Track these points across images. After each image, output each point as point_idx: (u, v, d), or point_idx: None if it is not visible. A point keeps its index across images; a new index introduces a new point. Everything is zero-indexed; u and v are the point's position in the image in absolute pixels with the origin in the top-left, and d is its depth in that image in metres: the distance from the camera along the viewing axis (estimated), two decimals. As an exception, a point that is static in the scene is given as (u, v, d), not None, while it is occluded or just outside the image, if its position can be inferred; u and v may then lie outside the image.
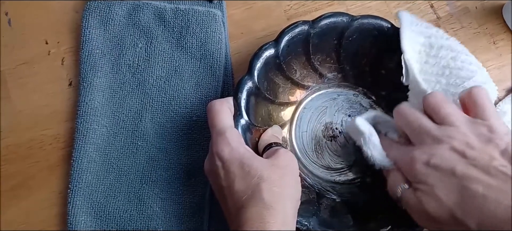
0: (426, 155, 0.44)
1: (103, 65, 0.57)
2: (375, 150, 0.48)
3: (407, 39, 0.51)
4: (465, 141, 0.43)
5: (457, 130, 0.44)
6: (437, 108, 0.46)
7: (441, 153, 0.43)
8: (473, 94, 0.46)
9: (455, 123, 0.44)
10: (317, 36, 0.53)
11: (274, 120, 0.55)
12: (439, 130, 0.45)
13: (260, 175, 0.43)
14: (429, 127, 0.45)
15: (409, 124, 0.47)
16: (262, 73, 0.52)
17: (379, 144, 0.49)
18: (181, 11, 0.59)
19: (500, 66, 0.59)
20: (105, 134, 0.56)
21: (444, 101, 0.46)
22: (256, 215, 0.41)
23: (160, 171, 0.55)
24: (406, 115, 0.47)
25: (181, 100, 0.56)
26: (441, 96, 0.47)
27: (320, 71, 0.56)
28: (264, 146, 0.50)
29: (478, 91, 0.46)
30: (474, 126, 0.44)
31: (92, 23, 0.58)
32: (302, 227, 0.48)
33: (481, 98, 0.45)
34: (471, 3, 0.62)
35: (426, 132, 0.45)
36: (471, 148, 0.43)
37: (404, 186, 0.46)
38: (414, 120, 0.47)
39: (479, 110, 0.45)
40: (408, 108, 0.48)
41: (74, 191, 0.53)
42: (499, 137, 0.43)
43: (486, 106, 0.45)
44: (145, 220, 0.53)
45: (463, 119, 0.45)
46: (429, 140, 0.45)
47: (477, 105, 0.45)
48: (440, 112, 0.46)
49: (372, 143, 0.48)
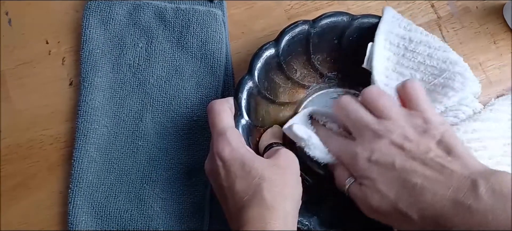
0: (367, 151, 0.45)
1: (103, 65, 0.57)
2: (316, 150, 0.49)
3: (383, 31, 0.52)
4: (403, 134, 0.44)
5: (394, 124, 0.45)
6: (374, 102, 0.47)
7: (381, 148, 0.45)
8: (407, 87, 0.47)
9: (392, 116, 0.46)
10: (318, 36, 0.53)
11: (275, 120, 0.55)
12: (378, 124, 0.46)
13: (261, 175, 0.43)
14: (368, 121, 0.46)
15: (349, 117, 0.48)
16: (262, 73, 0.52)
17: (320, 144, 0.49)
18: (182, 10, 0.59)
19: (500, 66, 0.59)
20: (105, 134, 0.56)
21: (381, 94, 0.47)
22: (257, 215, 0.41)
23: (161, 171, 0.55)
24: (346, 108, 0.48)
25: (181, 100, 0.56)
26: (377, 89, 0.48)
27: (321, 71, 0.56)
28: (264, 146, 0.50)
29: (411, 84, 0.47)
30: (410, 118, 0.45)
31: (93, 23, 0.58)
32: (303, 227, 0.48)
33: (414, 91, 0.46)
34: (472, 3, 0.62)
35: (366, 126, 0.46)
36: (408, 140, 0.44)
37: (350, 180, 0.47)
38: (353, 114, 0.47)
39: (414, 102, 0.46)
40: (348, 100, 0.48)
41: (75, 191, 0.53)
42: (434, 127, 0.44)
43: (419, 98, 0.46)
44: (146, 220, 0.53)
45: (399, 111, 0.46)
46: (369, 135, 0.46)
47: (411, 97, 0.46)
48: (377, 106, 0.46)
49: (313, 145, 0.49)
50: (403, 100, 0.47)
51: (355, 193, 0.46)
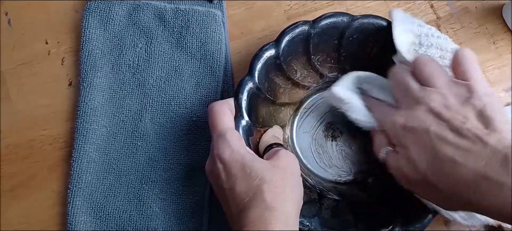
0: (404, 117, 0.45)
1: (103, 65, 0.57)
2: (358, 113, 0.49)
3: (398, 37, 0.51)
4: (443, 102, 0.43)
5: (436, 91, 0.44)
6: (421, 69, 0.46)
7: (418, 115, 0.44)
8: (458, 56, 0.45)
9: (436, 84, 0.44)
10: (318, 36, 0.53)
11: (275, 120, 0.55)
12: (420, 91, 0.45)
13: (262, 177, 0.43)
14: (412, 87, 0.45)
15: (397, 84, 0.47)
16: (262, 73, 0.52)
17: (362, 107, 0.49)
18: (181, 11, 0.58)
19: (500, 66, 0.59)
20: (105, 134, 0.56)
21: (430, 62, 0.46)
22: (258, 217, 0.41)
23: (160, 171, 0.55)
24: (396, 76, 0.47)
25: (181, 100, 0.56)
26: (426, 57, 0.47)
27: (321, 71, 0.56)
28: (265, 147, 0.50)
29: (463, 52, 0.45)
30: (454, 86, 0.44)
31: (92, 23, 0.58)
32: (304, 228, 0.48)
33: (464, 59, 0.45)
34: (471, 3, 0.62)
35: (409, 93, 0.45)
36: (448, 109, 0.43)
37: (385, 149, 0.47)
38: (401, 81, 0.47)
39: (462, 70, 0.45)
40: (401, 67, 0.48)
41: (74, 191, 0.53)
42: (477, 97, 0.42)
43: (468, 66, 0.44)
44: (145, 220, 0.53)
45: (445, 79, 0.45)
46: (409, 101, 0.45)
47: (460, 65, 0.45)
48: (423, 73, 0.46)
49: (354, 107, 0.49)
50: (454, 70, 0.46)
51: (390, 161, 0.46)
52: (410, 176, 0.43)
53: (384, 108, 0.48)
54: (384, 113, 0.48)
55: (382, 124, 0.47)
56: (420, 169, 0.42)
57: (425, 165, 0.42)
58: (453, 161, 0.40)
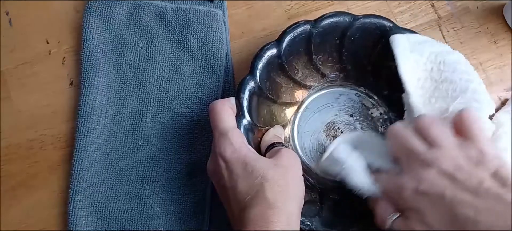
0: (415, 181, 0.43)
1: (104, 65, 0.57)
2: (361, 177, 0.47)
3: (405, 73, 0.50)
4: (454, 164, 0.42)
5: (446, 153, 0.43)
6: (427, 130, 0.45)
7: (430, 178, 0.43)
8: (463, 117, 0.45)
9: (444, 145, 0.44)
10: (319, 36, 0.53)
11: (276, 120, 0.55)
12: (428, 153, 0.44)
13: (263, 175, 0.43)
14: (419, 149, 0.44)
15: (400, 145, 0.46)
16: (264, 73, 0.52)
17: (362, 171, 0.48)
18: (182, 10, 0.59)
19: (501, 65, 0.59)
20: (106, 133, 0.56)
21: (434, 122, 0.45)
22: (260, 215, 0.41)
23: (161, 171, 0.55)
24: (399, 136, 0.46)
25: (182, 99, 0.56)
26: (431, 118, 0.46)
27: (322, 71, 0.56)
28: (266, 146, 0.50)
29: (468, 113, 0.45)
30: (464, 148, 0.43)
31: (93, 23, 0.58)
32: (304, 227, 0.48)
33: (470, 121, 0.45)
34: (472, 3, 0.62)
35: (415, 155, 0.44)
36: (460, 170, 0.42)
37: (393, 215, 0.45)
38: (405, 141, 0.46)
39: (469, 132, 0.44)
40: (402, 128, 0.47)
41: (75, 190, 0.53)
42: (489, 160, 0.42)
43: (475, 128, 0.44)
44: (146, 220, 0.53)
45: (452, 141, 0.44)
46: (418, 164, 0.44)
47: (467, 127, 0.45)
48: (430, 134, 0.45)
49: (357, 170, 0.48)
50: (458, 130, 0.46)
51: (399, 228, 0.44)
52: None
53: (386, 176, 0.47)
54: (388, 179, 0.46)
55: (388, 190, 0.46)
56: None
57: (444, 228, 0.41)
58: (476, 222, 0.39)
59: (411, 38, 0.53)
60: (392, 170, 0.47)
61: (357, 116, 0.56)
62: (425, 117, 0.46)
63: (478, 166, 0.42)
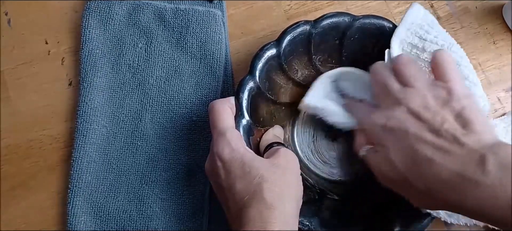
0: (384, 117, 0.45)
1: (103, 65, 0.57)
2: (335, 116, 0.50)
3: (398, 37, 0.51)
4: (422, 103, 0.44)
5: (416, 92, 0.45)
6: (401, 69, 0.46)
7: (398, 115, 0.44)
8: (437, 57, 0.46)
9: (416, 85, 0.45)
10: (319, 36, 0.53)
11: (276, 120, 0.55)
12: (400, 92, 0.45)
13: (261, 175, 0.43)
14: (393, 88, 0.46)
15: (378, 82, 0.48)
16: (263, 73, 0.52)
17: (338, 109, 0.51)
18: (181, 11, 0.58)
19: (500, 66, 0.59)
20: (105, 134, 0.56)
21: (409, 62, 0.47)
22: (258, 215, 0.41)
23: (160, 171, 0.55)
24: (377, 73, 0.48)
25: (181, 100, 0.56)
26: (407, 57, 0.48)
27: (322, 71, 0.56)
28: (265, 146, 0.50)
29: (441, 53, 0.46)
30: (434, 88, 0.45)
31: (92, 23, 0.58)
32: (303, 227, 0.48)
33: (443, 61, 0.46)
34: (471, 3, 0.62)
35: (389, 93, 0.46)
36: (427, 110, 0.43)
37: (366, 148, 0.47)
38: (381, 79, 0.47)
39: (441, 72, 0.45)
40: (382, 66, 0.48)
41: (74, 191, 0.53)
42: (456, 99, 0.43)
43: (448, 68, 0.45)
44: (145, 220, 0.53)
45: (425, 81, 0.45)
46: (390, 101, 0.46)
47: (439, 67, 0.46)
48: (403, 73, 0.46)
49: (331, 111, 0.50)
50: (434, 72, 0.47)
51: (370, 159, 0.46)
52: (390, 175, 0.44)
53: (363, 108, 0.49)
54: (364, 113, 0.49)
55: (362, 124, 0.48)
56: (399, 168, 0.43)
57: (404, 164, 0.43)
58: (431, 161, 0.41)
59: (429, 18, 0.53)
60: (370, 104, 0.49)
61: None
62: (402, 56, 0.48)
63: (444, 106, 0.43)
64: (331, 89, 0.53)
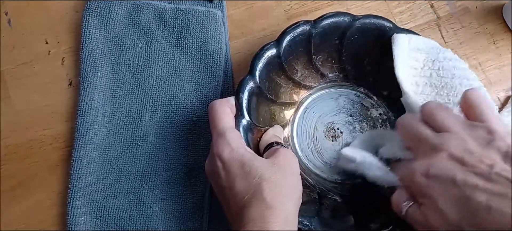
0: (425, 165, 0.43)
1: (103, 65, 0.57)
2: (376, 170, 0.48)
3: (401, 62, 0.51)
4: (464, 147, 0.41)
5: (454, 136, 0.42)
6: (433, 115, 0.45)
7: (440, 162, 0.42)
8: (469, 97, 0.45)
9: (452, 129, 0.43)
10: (319, 36, 0.53)
11: (276, 120, 0.55)
12: (436, 138, 0.43)
13: (261, 175, 0.43)
14: (427, 135, 0.44)
15: (409, 134, 0.46)
16: (263, 73, 0.52)
17: (377, 162, 0.48)
18: (181, 11, 0.58)
19: (500, 66, 0.59)
20: (105, 134, 0.56)
21: (440, 107, 0.45)
22: (258, 215, 0.41)
23: (160, 171, 0.55)
24: (406, 126, 0.46)
25: (181, 100, 0.56)
26: (436, 103, 0.46)
27: (322, 71, 0.56)
28: (265, 146, 0.50)
29: (473, 93, 0.45)
30: (472, 129, 0.42)
31: (92, 23, 0.58)
32: (303, 228, 0.48)
33: (477, 100, 0.44)
34: (471, 3, 0.62)
35: (424, 140, 0.44)
36: (470, 153, 0.41)
37: (408, 203, 0.44)
38: (413, 130, 0.45)
39: (477, 112, 0.44)
40: (409, 118, 0.47)
41: (74, 191, 0.53)
42: (499, 139, 0.41)
43: (483, 107, 0.43)
44: (145, 220, 0.53)
45: (460, 123, 0.43)
46: (427, 149, 0.43)
47: (474, 107, 0.44)
48: (436, 119, 0.44)
49: (369, 164, 0.48)
50: (466, 113, 0.45)
51: (414, 215, 0.43)
52: (440, 228, 0.41)
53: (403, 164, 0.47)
54: (402, 166, 0.46)
55: (402, 177, 0.45)
56: (452, 218, 0.40)
57: (457, 214, 0.40)
58: (488, 208, 0.38)
59: (413, 40, 0.53)
60: (406, 158, 0.47)
61: (356, 116, 0.56)
62: (430, 103, 0.46)
63: (488, 147, 0.41)
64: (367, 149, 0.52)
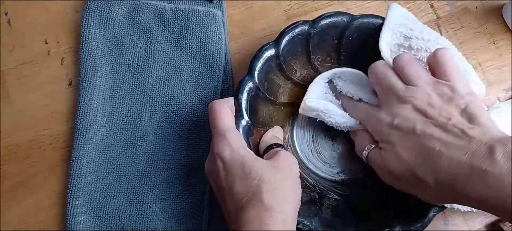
0: (390, 116, 0.46)
1: (102, 65, 0.57)
2: (336, 116, 0.51)
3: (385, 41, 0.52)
4: (427, 101, 0.45)
5: (420, 90, 0.46)
6: (403, 69, 0.48)
7: (404, 113, 0.45)
8: (437, 56, 0.47)
9: (419, 83, 0.46)
10: (318, 36, 0.53)
11: (275, 120, 0.55)
12: (404, 91, 0.46)
13: (261, 177, 0.43)
14: (396, 86, 0.47)
15: (379, 82, 0.49)
16: (262, 73, 0.52)
17: (338, 110, 0.51)
18: (181, 11, 0.58)
19: (500, 66, 0.59)
20: (104, 134, 0.56)
21: (411, 61, 0.48)
22: (256, 217, 0.41)
23: (160, 171, 0.55)
24: (379, 73, 0.49)
25: (180, 100, 0.56)
26: (409, 56, 0.49)
27: (321, 71, 0.56)
28: (265, 147, 0.50)
29: (442, 52, 0.47)
30: (437, 86, 0.46)
31: (92, 23, 0.58)
32: (304, 228, 0.48)
33: (444, 60, 0.47)
34: (471, 3, 0.62)
35: (392, 92, 0.47)
36: (432, 107, 0.45)
37: (370, 146, 0.48)
38: (383, 79, 0.48)
39: (442, 71, 0.47)
40: (382, 66, 0.49)
41: (74, 191, 0.53)
42: (460, 96, 0.44)
43: (449, 67, 0.46)
44: (144, 220, 0.53)
45: (427, 79, 0.47)
46: (394, 100, 0.47)
47: (440, 66, 0.47)
48: (405, 72, 0.47)
49: (331, 112, 0.51)
50: (433, 70, 0.48)
51: (374, 158, 0.48)
52: (397, 171, 0.45)
53: (365, 108, 0.51)
54: (366, 113, 0.50)
55: (366, 124, 0.50)
56: (408, 163, 0.44)
57: (413, 159, 0.44)
58: (440, 154, 0.42)
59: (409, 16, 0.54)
60: (371, 103, 0.51)
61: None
62: (403, 55, 0.49)
63: (449, 103, 0.44)
64: (326, 91, 0.54)
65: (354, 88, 0.53)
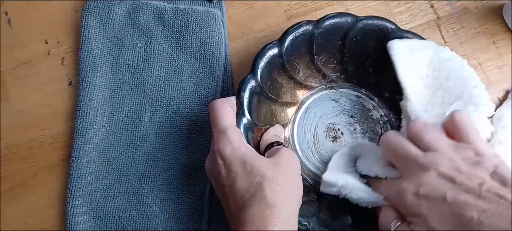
0: (414, 185, 0.43)
1: (102, 65, 0.57)
2: (358, 191, 0.48)
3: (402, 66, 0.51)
4: (453, 166, 0.43)
5: (442, 155, 0.44)
6: (420, 135, 0.46)
7: (430, 181, 0.43)
8: (455, 119, 0.46)
9: (439, 149, 0.44)
10: (321, 36, 0.53)
11: (277, 119, 0.55)
12: (425, 157, 0.44)
13: (262, 174, 0.43)
14: (415, 154, 0.45)
15: (395, 153, 0.47)
16: (265, 72, 0.52)
17: (359, 184, 0.48)
18: (181, 11, 0.58)
19: (500, 66, 0.59)
20: (104, 134, 0.56)
21: (427, 127, 0.46)
22: (258, 215, 0.41)
23: (159, 171, 0.55)
24: (392, 144, 0.47)
25: (180, 100, 0.56)
26: (423, 122, 0.47)
27: (324, 71, 0.56)
28: (266, 145, 0.50)
29: (460, 115, 0.46)
30: (460, 150, 0.44)
31: (92, 23, 0.58)
32: (302, 227, 0.48)
33: (463, 123, 0.45)
34: (471, 3, 0.62)
35: (412, 160, 0.45)
36: (459, 172, 0.42)
37: (396, 222, 0.45)
38: (399, 149, 0.46)
39: (463, 134, 0.45)
40: (394, 135, 0.48)
41: (73, 191, 0.53)
42: (486, 159, 0.42)
43: (469, 130, 0.45)
44: (144, 220, 0.53)
45: (447, 143, 0.45)
46: (415, 169, 0.44)
47: (460, 129, 0.45)
48: (424, 139, 0.45)
49: (352, 187, 0.48)
50: (451, 133, 0.46)
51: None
52: None
53: (387, 182, 0.47)
54: (388, 186, 0.47)
55: (389, 197, 0.46)
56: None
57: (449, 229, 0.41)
58: (480, 222, 0.39)
59: (408, 44, 0.53)
60: (391, 177, 0.47)
61: (357, 118, 0.56)
62: (417, 121, 0.47)
63: (476, 167, 0.42)
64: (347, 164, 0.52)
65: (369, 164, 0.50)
